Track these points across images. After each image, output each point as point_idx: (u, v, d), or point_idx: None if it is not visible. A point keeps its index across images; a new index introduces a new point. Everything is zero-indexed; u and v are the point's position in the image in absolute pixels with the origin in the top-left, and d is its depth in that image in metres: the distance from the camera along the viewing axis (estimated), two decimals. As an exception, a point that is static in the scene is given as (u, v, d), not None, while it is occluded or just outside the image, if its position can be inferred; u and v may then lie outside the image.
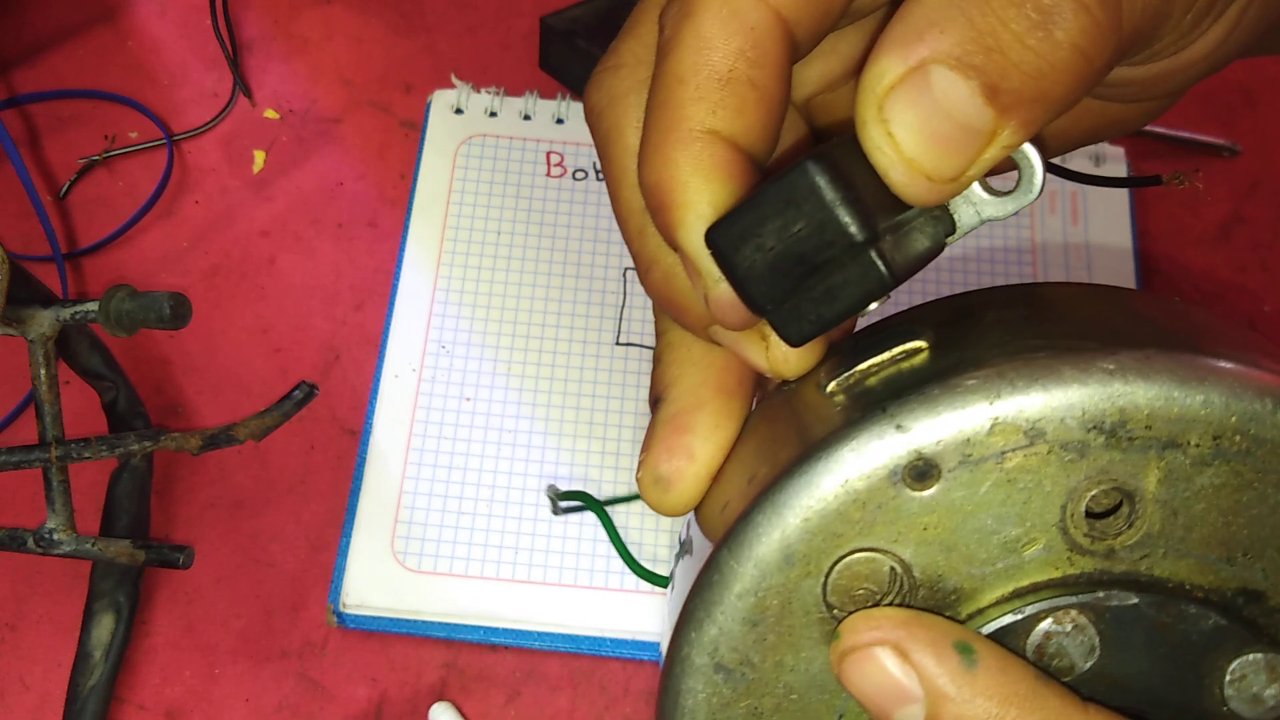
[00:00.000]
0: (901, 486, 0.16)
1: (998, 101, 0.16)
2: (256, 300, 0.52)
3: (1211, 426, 0.15)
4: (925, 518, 0.16)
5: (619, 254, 0.52)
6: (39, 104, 0.57)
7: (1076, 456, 0.15)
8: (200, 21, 0.59)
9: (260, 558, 0.47)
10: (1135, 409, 0.15)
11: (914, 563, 0.16)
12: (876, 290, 0.17)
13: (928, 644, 0.15)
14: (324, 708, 0.45)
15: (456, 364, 0.50)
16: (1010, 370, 0.15)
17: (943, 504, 0.15)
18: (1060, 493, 0.15)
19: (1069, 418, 0.15)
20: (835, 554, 0.16)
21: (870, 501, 0.16)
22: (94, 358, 0.46)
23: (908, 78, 0.16)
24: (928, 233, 0.18)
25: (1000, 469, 0.15)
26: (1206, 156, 0.56)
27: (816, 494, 0.16)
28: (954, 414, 0.15)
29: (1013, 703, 0.15)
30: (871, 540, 0.16)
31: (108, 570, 0.45)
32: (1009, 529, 0.16)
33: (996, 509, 0.15)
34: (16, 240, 0.53)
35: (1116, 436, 0.15)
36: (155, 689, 0.45)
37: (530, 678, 0.45)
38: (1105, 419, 0.15)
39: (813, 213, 0.16)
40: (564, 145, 0.55)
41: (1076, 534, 0.16)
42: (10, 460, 0.41)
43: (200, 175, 0.55)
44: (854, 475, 0.16)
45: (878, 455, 0.16)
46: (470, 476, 0.47)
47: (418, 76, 0.58)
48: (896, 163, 0.16)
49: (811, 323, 0.17)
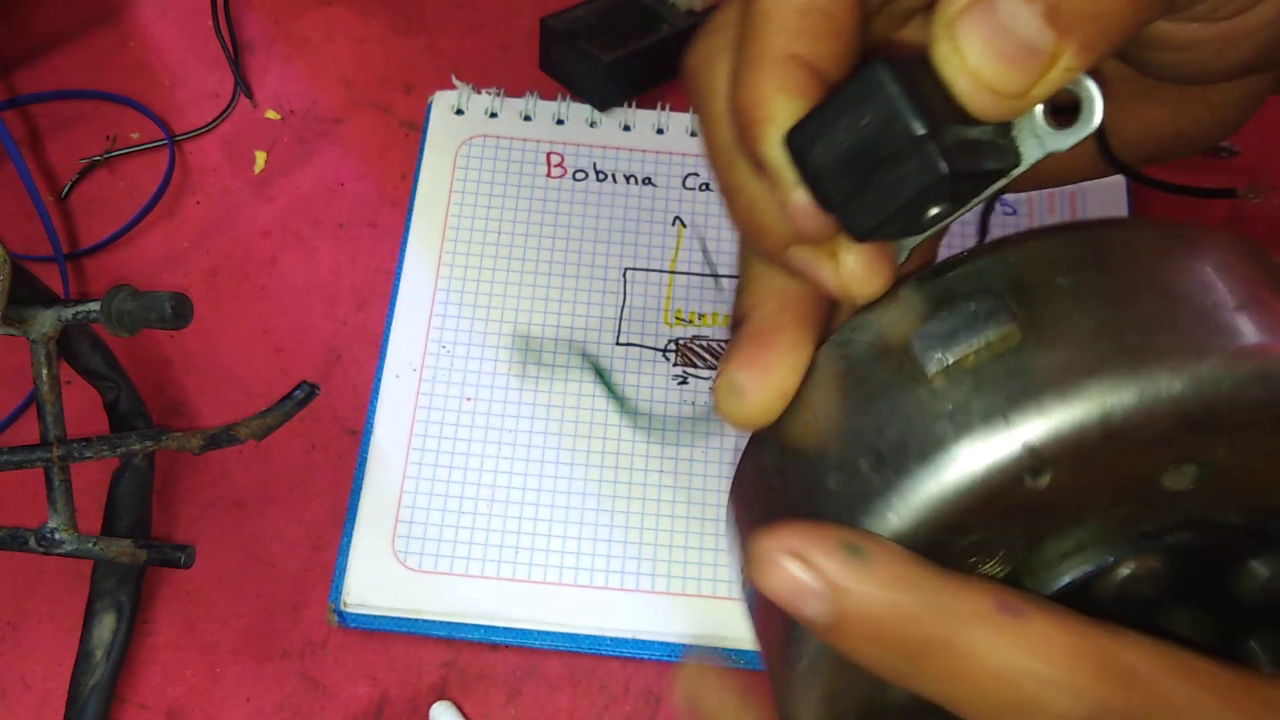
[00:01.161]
0: (1018, 483, 0.17)
1: (1059, 23, 0.17)
2: (258, 300, 0.52)
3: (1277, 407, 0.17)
4: (1034, 502, 0.17)
5: (619, 254, 0.52)
6: (41, 104, 0.57)
7: (1166, 445, 0.17)
8: (201, 22, 0.59)
9: (261, 557, 0.47)
10: (1220, 406, 0.17)
11: (1019, 536, 0.18)
12: (933, 185, 0.17)
13: (820, 547, 0.17)
14: (325, 707, 0.45)
15: (457, 364, 0.50)
16: (1114, 376, 0.17)
17: (1051, 490, 0.17)
18: (1146, 473, 0.18)
19: (1165, 418, 0.17)
20: (952, 545, 0.18)
21: (989, 500, 0.17)
22: (95, 357, 0.47)
23: (976, 2, 0.18)
24: (992, 155, 0.19)
25: (1102, 460, 0.17)
26: (1205, 157, 0.57)
27: (943, 495, 0.17)
28: (1070, 425, 0.17)
29: (897, 586, 0.17)
30: (983, 528, 0.18)
31: (109, 569, 0.45)
32: (1101, 501, 0.18)
33: (1093, 490, 0.18)
34: (18, 240, 0.53)
35: (1202, 427, 0.17)
36: (157, 688, 0.45)
37: (530, 677, 0.45)
38: (1194, 417, 0.17)
39: (879, 108, 0.17)
40: (564, 146, 0.55)
41: (1157, 488, 0.18)
42: (12, 460, 0.41)
43: (201, 176, 0.55)
44: (979, 483, 0.17)
45: (1003, 464, 0.17)
46: (471, 476, 0.48)
47: (418, 77, 0.58)
48: (962, 72, 0.18)
49: (874, 214, 0.18)
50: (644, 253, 0.52)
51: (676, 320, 0.51)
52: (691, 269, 0.52)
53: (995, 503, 0.17)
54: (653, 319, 0.51)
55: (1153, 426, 0.17)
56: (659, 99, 0.56)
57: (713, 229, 0.53)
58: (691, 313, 0.51)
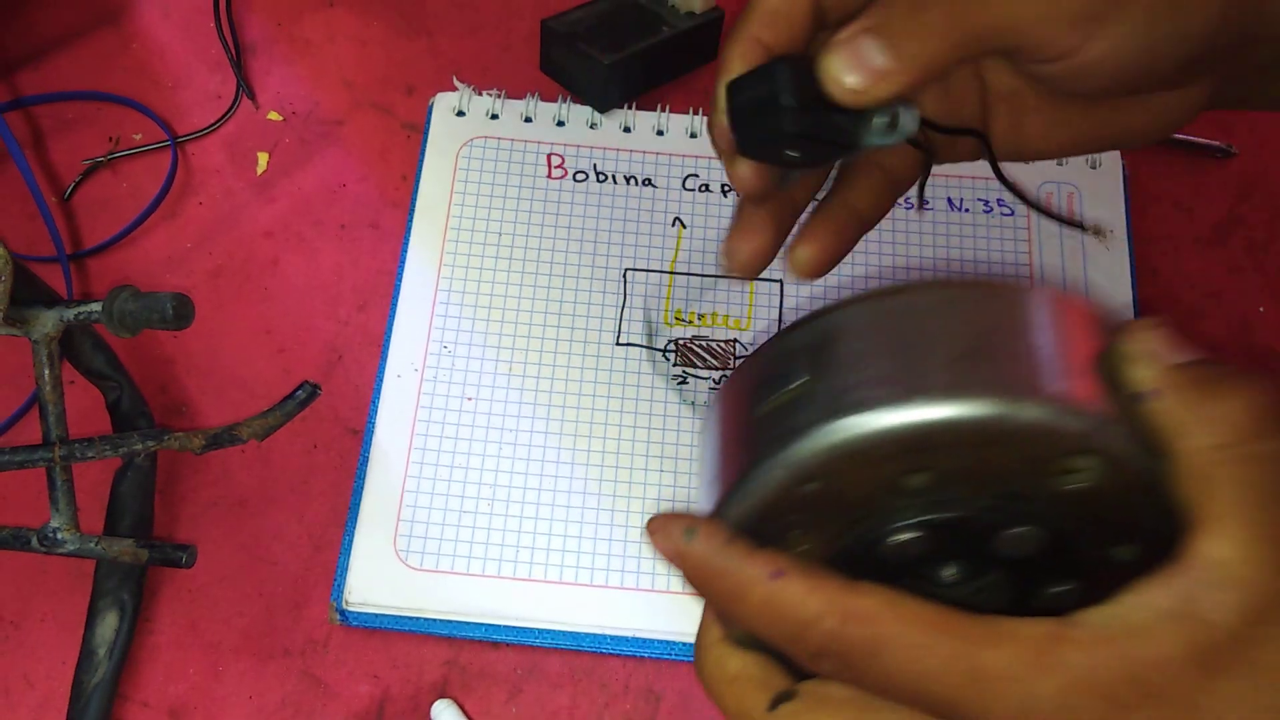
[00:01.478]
0: (796, 487, 0.25)
1: (894, 55, 0.28)
2: (260, 301, 0.53)
3: (969, 432, 0.24)
4: (816, 489, 0.25)
5: (619, 255, 0.53)
6: (43, 106, 0.57)
7: (897, 460, 0.24)
8: (203, 24, 0.59)
9: (263, 556, 0.48)
10: (930, 434, 0.24)
11: (815, 520, 0.26)
12: (785, 133, 0.29)
13: (664, 531, 0.26)
14: (327, 705, 0.45)
15: (458, 364, 0.50)
16: (852, 417, 0.24)
17: (822, 491, 0.25)
18: (889, 477, 0.25)
19: (889, 445, 0.24)
20: (776, 524, 0.26)
21: (781, 499, 0.26)
22: (98, 358, 0.47)
23: (850, 38, 0.28)
24: (840, 134, 0.29)
25: (865, 462, 0.25)
26: (1203, 158, 0.57)
27: (754, 496, 0.26)
28: (824, 449, 0.25)
29: (715, 551, 0.25)
30: (788, 515, 0.26)
31: (111, 569, 0.45)
32: (872, 487, 0.26)
33: (859, 481, 0.25)
34: (21, 241, 0.53)
35: (920, 447, 0.24)
36: (159, 686, 0.45)
37: (531, 675, 0.46)
38: (911, 443, 0.24)
39: (774, 83, 0.29)
40: (565, 147, 0.55)
41: (908, 485, 0.25)
42: (14, 460, 0.41)
43: (204, 177, 0.56)
44: (772, 489, 0.25)
45: (784, 476, 0.25)
46: (471, 475, 0.48)
47: (419, 79, 0.58)
48: (828, 72, 0.28)
49: (752, 141, 0.30)
50: (644, 253, 0.53)
51: (676, 320, 0.51)
52: (691, 269, 0.52)
53: (785, 500, 0.26)
54: (653, 319, 0.51)
55: (882, 450, 0.24)
56: (659, 100, 0.57)
57: (711, 230, 0.53)
58: (691, 313, 0.51)
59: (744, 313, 0.51)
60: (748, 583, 0.25)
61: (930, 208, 0.54)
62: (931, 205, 0.54)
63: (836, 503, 0.26)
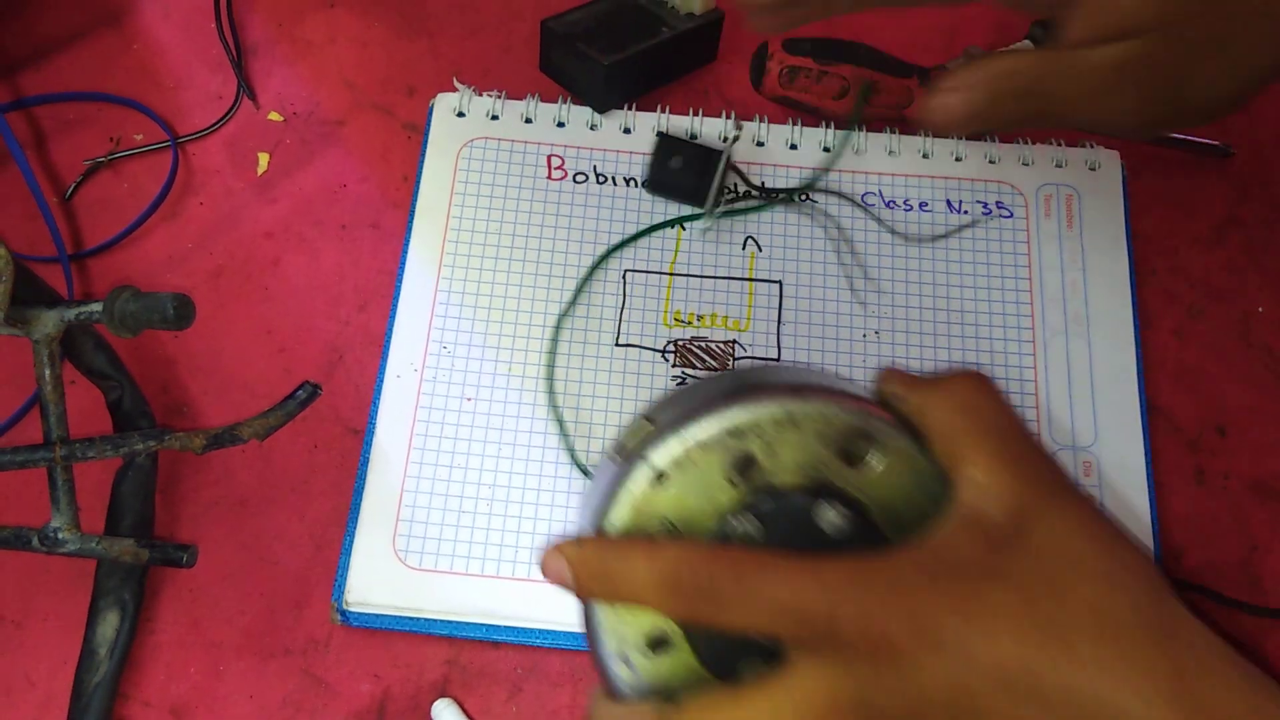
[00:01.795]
0: (654, 487, 0.32)
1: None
2: (260, 301, 0.53)
3: (773, 416, 0.32)
4: (668, 497, 0.32)
5: (618, 255, 0.53)
6: (45, 106, 0.57)
7: (721, 449, 0.32)
8: (204, 25, 0.59)
9: (264, 556, 0.48)
10: (739, 423, 0.32)
11: (673, 519, 0.32)
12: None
13: (553, 552, 0.32)
14: (328, 704, 0.45)
15: (458, 364, 0.50)
16: (678, 425, 0.32)
17: (674, 488, 0.32)
18: (719, 465, 0.32)
19: (710, 427, 0.32)
20: (635, 526, 0.33)
21: (645, 499, 0.32)
22: (99, 358, 0.47)
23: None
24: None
25: (691, 461, 0.32)
26: (1201, 158, 0.57)
27: (626, 501, 0.32)
28: (667, 455, 0.32)
29: (591, 555, 0.31)
30: (650, 510, 0.32)
31: (112, 569, 0.45)
32: (705, 487, 0.32)
33: (698, 481, 0.32)
34: (22, 241, 0.53)
35: (735, 435, 0.32)
36: (160, 686, 0.45)
37: (532, 674, 0.46)
38: (730, 429, 0.32)
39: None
40: (565, 148, 0.55)
41: (733, 479, 0.32)
42: (15, 459, 0.41)
43: (205, 177, 0.56)
44: (634, 493, 0.32)
45: (640, 481, 0.32)
46: (471, 475, 0.48)
47: (420, 79, 0.58)
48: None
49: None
50: (643, 254, 0.53)
51: (675, 321, 0.51)
52: (690, 271, 0.52)
53: (648, 500, 0.32)
54: (652, 320, 0.51)
55: (711, 441, 0.32)
56: (659, 102, 0.57)
57: (711, 230, 0.53)
58: (690, 314, 0.52)
59: (743, 314, 0.52)
60: (621, 570, 0.31)
61: (927, 209, 0.54)
62: (930, 207, 0.54)
63: (686, 496, 0.32)
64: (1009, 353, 0.51)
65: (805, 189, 0.54)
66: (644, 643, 0.33)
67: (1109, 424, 0.50)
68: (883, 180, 0.55)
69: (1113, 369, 0.51)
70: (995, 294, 0.52)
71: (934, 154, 0.55)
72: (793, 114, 0.57)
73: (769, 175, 0.55)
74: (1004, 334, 0.51)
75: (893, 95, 0.55)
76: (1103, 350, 0.51)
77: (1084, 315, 0.52)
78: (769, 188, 0.54)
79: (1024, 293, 0.52)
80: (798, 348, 0.51)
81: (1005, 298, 0.52)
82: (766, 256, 0.53)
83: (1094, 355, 0.51)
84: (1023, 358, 0.51)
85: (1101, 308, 0.52)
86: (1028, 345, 0.51)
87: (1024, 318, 0.52)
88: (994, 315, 0.52)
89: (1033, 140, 0.56)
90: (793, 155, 0.55)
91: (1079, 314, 0.52)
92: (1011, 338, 0.51)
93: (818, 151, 0.55)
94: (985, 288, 0.52)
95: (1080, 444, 0.49)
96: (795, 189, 0.54)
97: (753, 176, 0.54)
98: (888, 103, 0.55)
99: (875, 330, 0.51)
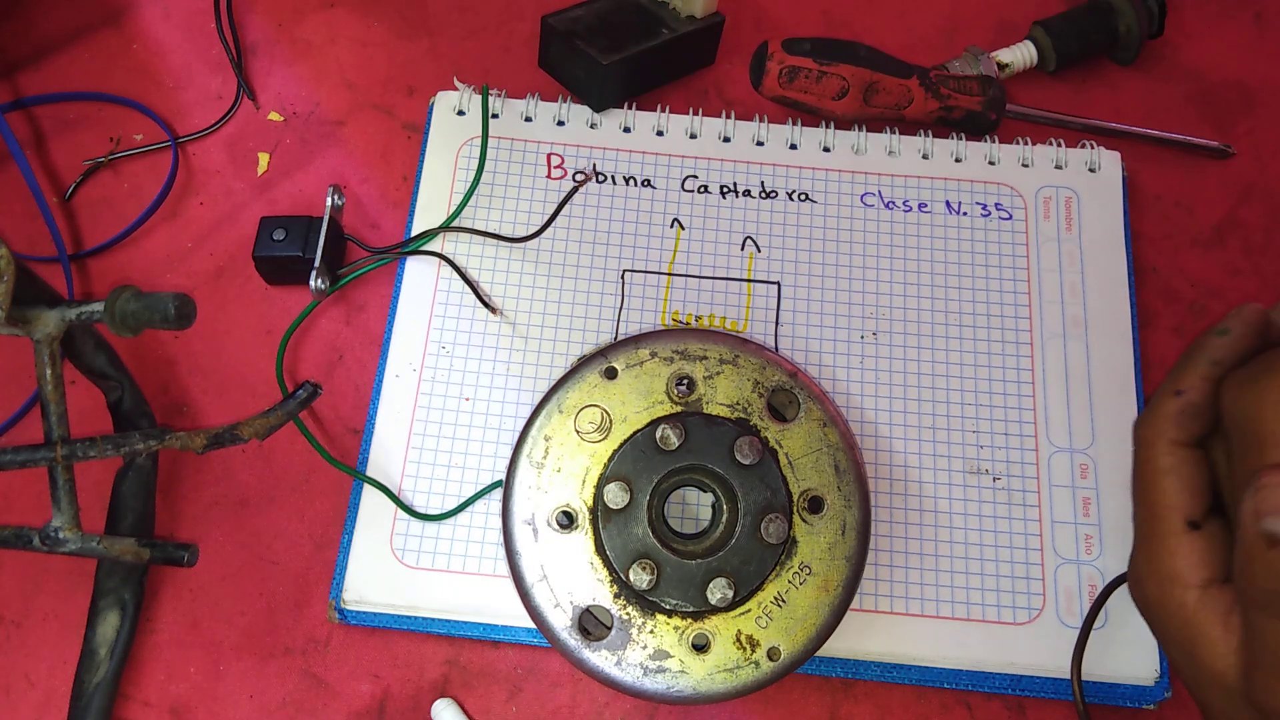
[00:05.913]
0: (605, 379, 0.43)
1: None
2: (261, 301, 0.53)
3: (720, 354, 0.43)
4: (615, 390, 0.42)
5: (618, 254, 0.53)
6: (45, 106, 0.57)
7: (668, 364, 0.43)
8: (205, 25, 0.59)
9: (264, 555, 0.48)
10: (690, 348, 0.43)
11: (610, 410, 0.42)
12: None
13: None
14: (328, 704, 0.45)
15: (456, 364, 0.50)
16: (639, 339, 0.43)
17: (622, 384, 0.42)
18: (665, 378, 0.43)
19: (666, 349, 0.43)
20: (579, 407, 0.43)
21: (594, 386, 0.43)
22: (99, 358, 0.47)
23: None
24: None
25: (642, 368, 0.43)
26: (1201, 158, 0.57)
27: (577, 385, 0.43)
28: (621, 353, 0.43)
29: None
30: (594, 400, 0.43)
31: (113, 568, 0.45)
32: (648, 393, 0.43)
33: (643, 385, 0.42)
34: (22, 241, 0.53)
35: (684, 356, 0.43)
36: (160, 685, 0.46)
37: (531, 674, 0.46)
38: (680, 350, 0.43)
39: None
40: (564, 147, 0.55)
41: (673, 395, 0.42)
42: (16, 459, 0.41)
43: (205, 177, 0.56)
44: (590, 376, 0.43)
45: (600, 370, 0.43)
46: (469, 475, 0.48)
47: (420, 79, 0.58)
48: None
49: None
50: (642, 254, 0.53)
51: (674, 322, 0.51)
52: (689, 271, 0.53)
53: (595, 386, 0.43)
54: (650, 320, 0.51)
55: (661, 352, 0.43)
56: (659, 101, 0.57)
57: (710, 230, 0.53)
58: (689, 314, 0.52)
59: (741, 314, 0.52)
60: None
61: (926, 210, 0.54)
62: (930, 208, 0.54)
63: (623, 398, 0.43)
64: (1007, 354, 0.51)
65: (410, 251, 0.52)
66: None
67: (1106, 426, 0.50)
68: (882, 180, 0.55)
69: (1111, 372, 0.51)
70: (994, 295, 0.52)
71: (934, 155, 0.55)
72: (793, 114, 0.57)
73: (769, 175, 0.55)
74: (1002, 335, 0.51)
75: (892, 95, 0.55)
76: (1101, 353, 0.51)
77: (1082, 318, 0.52)
78: (376, 248, 0.52)
79: (1022, 294, 0.52)
80: (796, 348, 0.51)
81: (1004, 299, 0.52)
82: (765, 257, 0.53)
83: (1092, 358, 0.51)
84: (1020, 359, 0.51)
85: (1100, 311, 0.52)
86: (1025, 347, 0.51)
87: (1022, 319, 0.52)
88: (992, 317, 0.52)
89: (1033, 141, 0.56)
90: (792, 155, 0.55)
91: (1077, 316, 0.52)
92: (1010, 339, 0.51)
93: (818, 151, 0.55)
94: (984, 289, 0.52)
95: (1078, 446, 0.49)
96: (402, 246, 0.52)
97: (752, 176, 0.55)
98: (887, 103, 0.55)
99: (874, 331, 0.51)
